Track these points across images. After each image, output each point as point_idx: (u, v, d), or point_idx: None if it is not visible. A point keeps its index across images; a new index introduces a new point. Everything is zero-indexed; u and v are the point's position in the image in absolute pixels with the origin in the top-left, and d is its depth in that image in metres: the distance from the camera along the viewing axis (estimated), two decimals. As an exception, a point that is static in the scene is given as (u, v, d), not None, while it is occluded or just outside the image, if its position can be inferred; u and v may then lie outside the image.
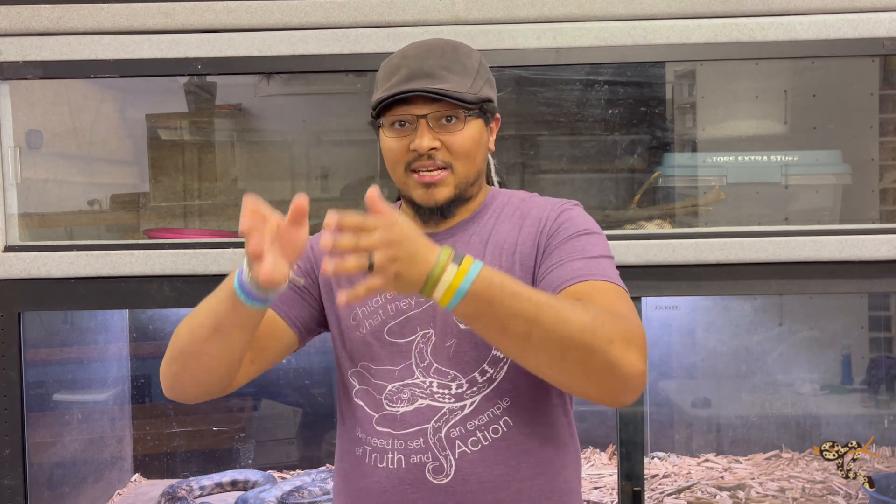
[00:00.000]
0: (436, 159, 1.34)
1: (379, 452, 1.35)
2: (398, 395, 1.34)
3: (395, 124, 1.34)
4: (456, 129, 1.34)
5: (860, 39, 1.95)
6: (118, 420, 2.69)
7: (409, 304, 1.37)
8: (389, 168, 1.39)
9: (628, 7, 1.96)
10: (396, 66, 1.35)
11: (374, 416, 1.35)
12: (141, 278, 2.01)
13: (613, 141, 2.36)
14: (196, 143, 2.41)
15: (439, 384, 1.33)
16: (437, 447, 1.32)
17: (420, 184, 1.35)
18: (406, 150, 1.34)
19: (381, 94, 1.34)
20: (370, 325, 1.38)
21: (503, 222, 1.41)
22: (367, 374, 1.37)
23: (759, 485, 2.46)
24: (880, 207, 2.32)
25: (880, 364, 2.76)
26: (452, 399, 1.33)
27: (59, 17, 1.98)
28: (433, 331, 1.35)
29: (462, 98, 1.32)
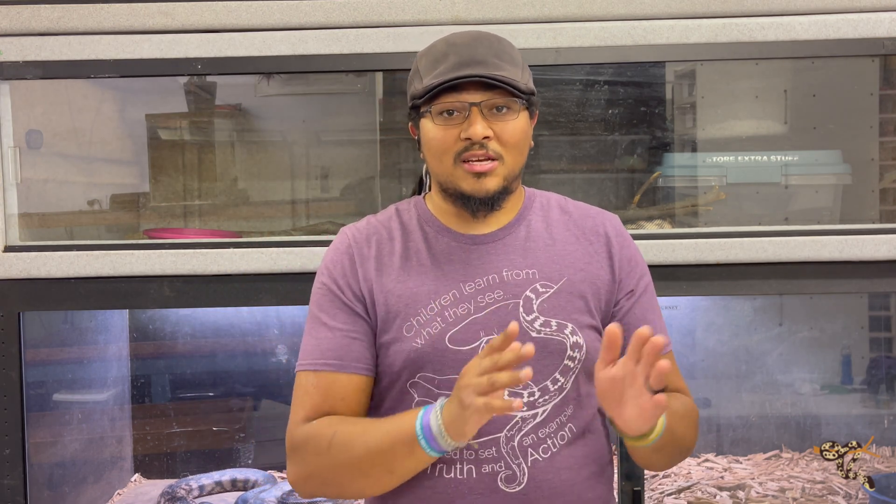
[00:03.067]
0: (488, 148, 1.29)
1: (446, 463, 1.31)
2: None
3: (444, 113, 1.30)
4: (508, 119, 1.30)
5: (860, 39, 1.95)
6: (118, 420, 2.69)
7: (468, 309, 1.33)
8: (434, 158, 1.34)
9: (628, 7, 1.96)
10: (443, 53, 1.31)
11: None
12: (141, 278, 2.01)
13: (613, 141, 2.36)
14: (196, 143, 2.41)
15: (511, 392, 1.31)
16: (510, 456, 1.31)
17: (471, 173, 1.30)
18: (456, 138, 1.30)
19: (432, 80, 1.29)
20: (429, 334, 1.32)
21: (556, 228, 1.40)
22: (428, 385, 1.33)
23: (759, 485, 2.46)
24: (880, 207, 2.32)
25: (880, 364, 2.76)
26: (525, 407, 1.31)
27: (59, 17, 1.98)
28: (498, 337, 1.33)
29: (516, 86, 1.29)
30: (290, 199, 2.46)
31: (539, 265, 1.36)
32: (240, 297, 2.02)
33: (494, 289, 1.34)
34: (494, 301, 1.33)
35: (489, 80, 1.27)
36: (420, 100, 1.32)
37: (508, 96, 1.30)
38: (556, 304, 1.34)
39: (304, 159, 2.51)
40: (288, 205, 2.45)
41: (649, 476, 2.54)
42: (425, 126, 1.34)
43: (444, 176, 1.34)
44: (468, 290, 1.34)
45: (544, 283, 1.35)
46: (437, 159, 1.33)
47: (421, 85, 1.32)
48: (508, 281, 1.34)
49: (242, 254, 1.99)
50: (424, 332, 1.32)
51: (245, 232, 2.30)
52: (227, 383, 2.81)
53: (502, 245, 1.37)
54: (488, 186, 1.31)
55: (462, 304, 1.33)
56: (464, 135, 1.29)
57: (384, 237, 1.40)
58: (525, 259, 1.36)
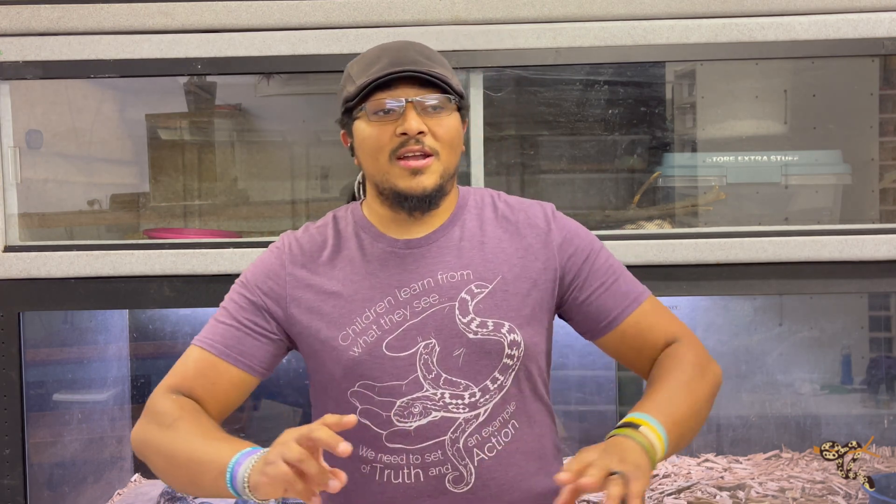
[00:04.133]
0: (423, 144, 1.29)
1: (393, 469, 1.33)
2: (409, 409, 1.32)
3: (379, 112, 1.30)
4: (442, 116, 1.31)
5: (860, 39, 1.95)
6: (118, 420, 2.69)
7: (403, 316, 1.33)
8: (370, 158, 1.33)
9: (628, 7, 1.96)
10: (375, 57, 1.33)
11: (383, 433, 1.33)
12: (141, 278, 2.01)
13: (613, 141, 2.36)
14: (196, 143, 2.41)
15: (451, 395, 1.32)
16: (455, 457, 1.32)
17: (407, 171, 1.30)
18: (391, 135, 1.30)
19: (365, 78, 1.30)
20: (365, 342, 1.32)
21: (489, 225, 1.39)
22: (369, 393, 1.33)
23: (759, 485, 2.46)
24: (880, 207, 2.32)
25: (880, 364, 2.76)
26: (467, 408, 1.32)
27: (59, 17, 1.98)
28: (436, 341, 1.32)
29: (449, 83, 1.31)
30: (290, 199, 2.46)
31: (473, 265, 1.35)
32: (240, 297, 2.01)
33: (430, 293, 1.34)
34: (430, 305, 1.33)
35: (422, 75, 1.29)
36: (353, 101, 1.33)
37: (441, 94, 1.31)
38: (491, 303, 1.34)
39: (304, 159, 2.51)
40: (288, 205, 2.45)
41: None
42: (359, 127, 1.34)
43: (379, 175, 1.33)
44: (403, 296, 1.34)
45: (479, 284, 1.34)
46: (373, 158, 1.33)
47: (353, 87, 1.32)
48: (443, 284, 1.34)
49: (242, 254, 1.99)
50: (360, 341, 1.33)
51: (245, 232, 2.30)
52: (227, 383, 2.80)
53: (437, 248, 1.36)
54: (425, 184, 1.31)
55: (398, 310, 1.33)
56: (399, 130, 1.29)
57: (318, 245, 1.40)
58: (459, 260, 1.36)
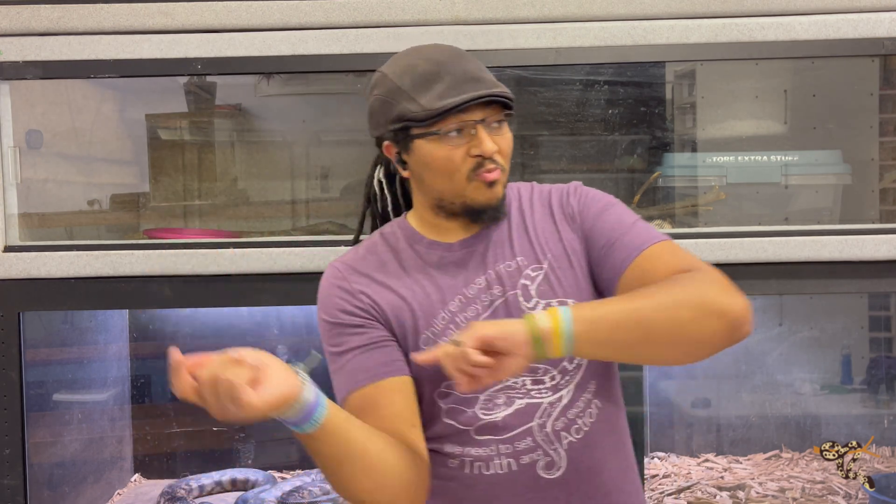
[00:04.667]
0: (496, 162, 1.34)
1: (483, 461, 1.33)
2: (493, 401, 1.33)
3: (453, 132, 1.32)
4: (503, 131, 1.36)
5: (860, 39, 1.95)
6: (118, 420, 2.69)
7: (476, 311, 1.35)
8: (440, 178, 1.34)
9: (628, 7, 1.96)
10: (433, 73, 1.32)
11: (470, 429, 1.33)
12: (141, 278, 2.01)
13: (613, 141, 2.36)
14: (196, 143, 2.41)
15: (533, 381, 1.33)
16: (545, 443, 1.33)
17: (485, 184, 1.33)
18: (464, 156, 1.32)
19: (438, 101, 1.30)
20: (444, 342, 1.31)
21: (528, 211, 1.43)
22: (454, 392, 1.33)
23: (759, 485, 2.46)
24: (880, 207, 2.32)
25: (880, 364, 2.76)
26: (549, 392, 1.33)
27: (59, 17, 1.98)
28: None
29: (511, 100, 1.34)
30: (289, 199, 2.46)
31: (524, 252, 1.38)
32: (240, 297, 2.02)
33: (493, 285, 1.36)
34: (496, 297, 1.36)
35: (500, 98, 1.31)
36: (422, 122, 1.32)
37: (502, 110, 1.34)
38: (549, 284, 1.36)
39: (304, 159, 2.51)
40: (288, 205, 2.44)
41: (649, 476, 2.54)
42: (424, 147, 1.33)
43: (451, 193, 1.35)
44: (471, 293, 1.36)
45: (534, 267, 1.37)
46: (447, 178, 1.34)
47: (417, 106, 1.31)
48: (503, 274, 1.37)
49: (242, 254, 1.99)
50: (441, 342, 1.33)
51: (245, 232, 2.30)
52: (227, 383, 2.80)
53: (489, 242, 1.39)
54: (498, 194, 1.35)
55: (469, 306, 1.35)
56: (475, 151, 1.32)
57: (375, 261, 1.41)
58: (511, 249, 1.39)
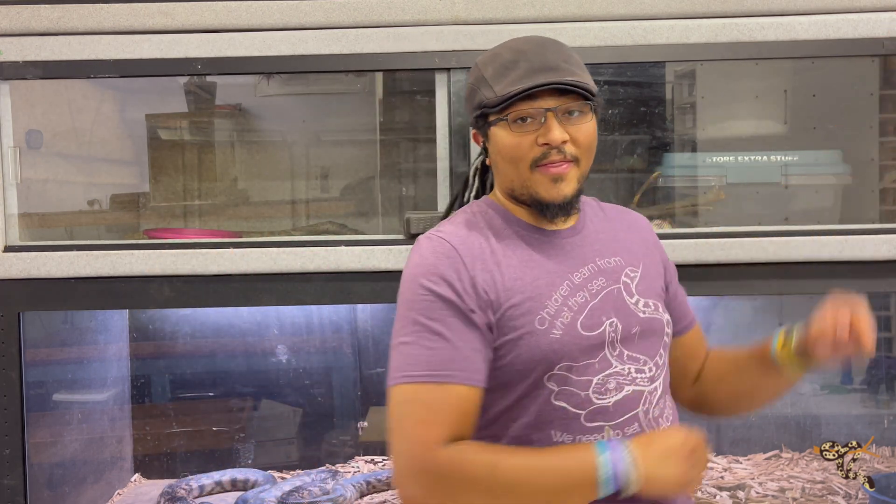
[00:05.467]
0: (565, 153, 1.32)
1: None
2: (605, 385, 1.33)
3: (519, 120, 1.31)
4: (581, 123, 1.33)
5: (860, 39, 1.95)
6: (118, 420, 2.69)
7: (585, 297, 1.35)
8: (510, 165, 1.34)
9: (628, 7, 1.96)
10: (511, 61, 1.33)
11: (582, 413, 1.32)
12: (141, 278, 2.01)
13: (613, 141, 2.36)
14: (196, 143, 2.41)
15: (636, 369, 1.36)
16: (649, 428, 1.36)
17: (548, 177, 1.32)
18: (532, 144, 1.31)
19: (507, 88, 1.30)
20: (563, 324, 1.32)
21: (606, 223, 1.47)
22: (567, 374, 1.32)
23: (759, 485, 2.46)
24: (880, 207, 2.32)
25: (880, 364, 2.76)
26: (648, 381, 1.37)
27: (59, 17, 1.98)
28: (617, 319, 1.36)
29: (589, 89, 1.32)
30: (290, 199, 2.46)
31: (621, 253, 1.42)
32: (240, 297, 2.02)
33: (597, 276, 1.38)
34: (602, 287, 1.38)
35: (567, 86, 1.29)
36: (494, 108, 1.33)
37: (581, 100, 1.32)
38: (646, 286, 1.42)
39: (304, 159, 2.51)
40: (288, 205, 2.45)
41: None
42: (497, 134, 1.35)
43: (518, 182, 1.35)
44: (578, 280, 1.37)
45: (632, 268, 1.42)
46: (514, 166, 1.34)
47: (492, 93, 1.33)
48: (605, 268, 1.39)
49: (242, 254, 1.99)
50: (558, 323, 1.32)
51: (245, 232, 2.30)
52: (227, 383, 2.81)
53: (583, 238, 1.41)
54: (565, 192, 1.34)
55: (578, 292, 1.36)
56: (542, 140, 1.31)
57: (479, 238, 1.37)
58: (606, 248, 1.42)
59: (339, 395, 2.77)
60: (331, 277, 1.99)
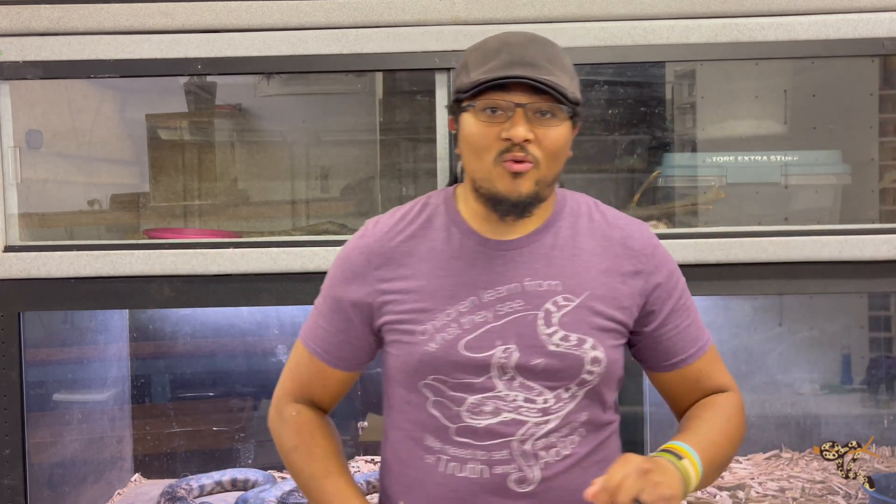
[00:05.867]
0: (527, 152, 1.27)
1: (458, 462, 1.34)
2: (480, 407, 1.32)
3: (488, 110, 1.28)
4: (551, 125, 1.29)
5: (860, 39, 1.95)
6: (118, 420, 2.69)
7: (486, 318, 1.33)
8: (473, 154, 1.31)
9: (628, 7, 1.96)
10: (495, 50, 1.29)
11: (452, 427, 1.34)
12: (141, 278, 2.01)
13: (613, 141, 2.37)
14: (196, 143, 2.41)
15: (525, 398, 1.32)
16: (521, 458, 1.32)
17: (509, 172, 1.28)
18: (497, 137, 1.28)
19: (481, 76, 1.27)
20: (444, 339, 1.33)
21: (583, 237, 1.38)
22: (441, 387, 1.34)
23: (759, 485, 2.46)
24: (880, 207, 2.32)
25: (880, 364, 2.76)
26: (539, 413, 1.32)
27: (59, 17, 1.98)
28: (516, 346, 1.32)
29: (565, 94, 1.28)
30: (290, 199, 2.46)
31: (563, 277, 1.34)
32: (240, 297, 2.02)
33: (515, 298, 1.33)
34: (514, 311, 1.33)
35: (538, 83, 1.26)
36: (465, 94, 1.30)
37: (554, 102, 1.28)
38: (576, 317, 1.33)
39: (304, 159, 2.51)
40: (288, 205, 2.45)
41: (649, 476, 2.53)
42: (466, 121, 1.31)
43: (480, 173, 1.32)
44: (487, 298, 1.33)
45: (566, 297, 1.33)
46: (476, 156, 1.31)
47: (468, 79, 1.30)
48: (530, 291, 1.33)
49: (242, 254, 1.99)
50: (439, 337, 1.33)
51: (245, 232, 2.30)
52: (227, 383, 2.81)
53: (528, 252, 1.35)
54: (521, 189, 1.29)
55: (480, 311, 1.33)
56: (505, 135, 1.27)
57: (405, 234, 1.39)
58: (549, 269, 1.35)
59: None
60: (331, 277, 1.99)
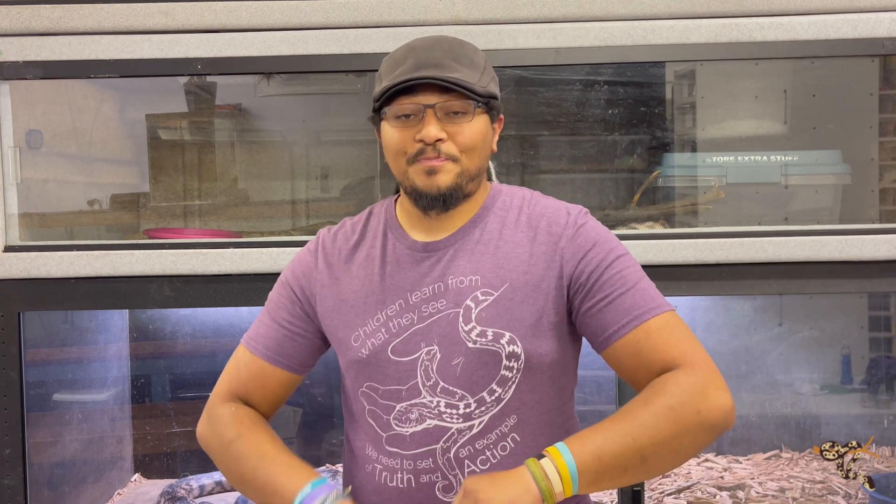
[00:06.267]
0: (440, 151, 1.29)
1: (389, 471, 1.34)
2: (406, 415, 1.32)
3: (401, 116, 1.31)
4: (463, 122, 1.30)
5: (860, 39, 1.95)
6: (118, 420, 2.69)
7: (411, 320, 1.33)
8: (391, 160, 1.35)
9: (628, 7, 1.96)
10: (402, 58, 1.32)
11: (384, 436, 1.34)
12: (141, 278, 2.01)
13: (613, 141, 2.36)
14: (196, 143, 2.41)
15: (447, 404, 1.31)
16: (445, 467, 1.31)
17: (423, 170, 1.30)
18: (411, 140, 1.30)
19: (387, 82, 1.30)
20: (373, 344, 1.34)
21: (509, 229, 1.37)
22: (374, 395, 1.34)
23: (759, 485, 2.46)
24: (880, 207, 2.32)
25: (880, 364, 2.76)
26: (461, 419, 1.30)
27: (59, 17, 1.98)
28: (438, 348, 1.31)
29: (471, 89, 1.28)
30: (290, 199, 2.46)
31: (483, 271, 1.33)
32: (240, 297, 2.02)
33: (439, 298, 1.33)
34: (437, 311, 1.33)
35: (441, 82, 1.27)
36: (377, 102, 1.33)
37: (463, 99, 1.29)
38: (495, 312, 1.31)
39: (304, 159, 2.51)
40: (288, 205, 2.45)
41: (649, 476, 2.53)
42: (384, 128, 1.35)
43: (400, 176, 1.35)
44: (414, 300, 1.34)
45: (485, 291, 1.32)
46: (394, 160, 1.35)
47: (380, 87, 1.33)
48: (453, 289, 1.33)
49: (242, 254, 1.99)
50: (369, 343, 1.34)
51: (245, 232, 2.30)
52: (227, 383, 2.80)
53: (454, 251, 1.36)
54: (439, 183, 1.31)
55: (406, 314, 1.34)
56: (417, 137, 1.30)
57: (349, 244, 1.42)
58: (471, 264, 1.34)
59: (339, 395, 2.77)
60: (331, 277, 1.99)
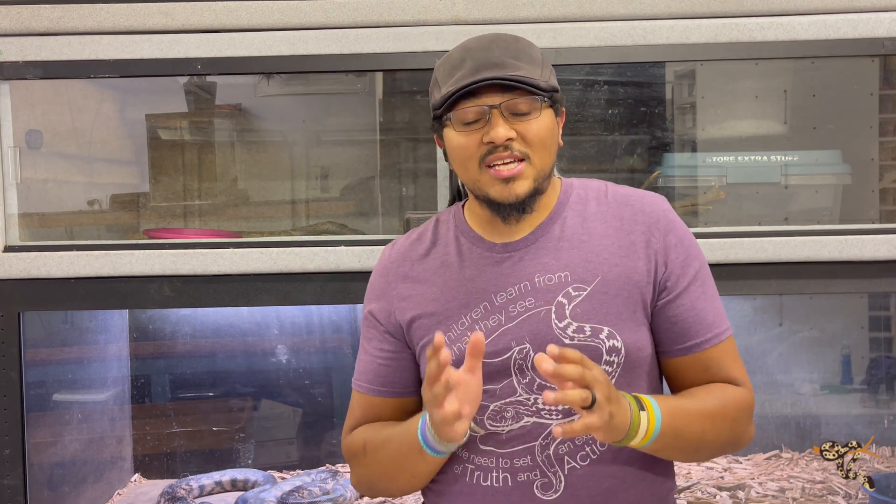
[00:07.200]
0: (512, 150, 1.27)
1: (482, 471, 1.32)
2: (501, 413, 1.31)
3: (469, 120, 1.28)
4: (531, 118, 1.28)
5: (860, 39, 1.95)
6: (118, 420, 2.69)
7: (499, 321, 1.32)
8: (460, 167, 1.32)
9: (628, 7, 1.96)
10: (459, 60, 1.29)
11: (477, 435, 1.32)
12: (141, 278, 2.01)
13: (613, 141, 2.36)
14: (196, 143, 2.41)
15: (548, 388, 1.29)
16: (545, 464, 1.30)
17: (498, 179, 1.28)
18: (479, 143, 1.27)
19: (448, 88, 1.27)
20: (459, 349, 1.32)
21: (592, 222, 1.35)
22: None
23: (759, 485, 2.46)
24: (880, 207, 2.32)
25: (880, 364, 2.76)
26: (560, 415, 1.29)
27: (59, 17, 1.98)
28: (530, 346, 1.30)
29: (535, 84, 1.26)
30: (290, 199, 2.46)
31: (572, 266, 1.32)
32: (240, 297, 2.02)
33: (526, 297, 1.32)
34: (526, 309, 1.31)
35: (505, 81, 1.25)
36: (440, 109, 1.30)
37: (527, 95, 1.27)
38: (589, 307, 1.30)
39: (304, 159, 2.51)
40: (288, 205, 2.45)
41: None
42: (448, 135, 1.32)
43: (471, 183, 1.32)
44: (499, 301, 1.33)
45: (577, 286, 1.31)
46: (463, 167, 1.31)
47: (440, 94, 1.30)
48: (540, 287, 1.32)
49: (242, 254, 1.99)
50: (455, 348, 1.33)
51: (245, 232, 2.31)
52: (227, 383, 2.81)
53: (535, 249, 1.34)
54: (517, 191, 1.29)
55: (493, 315, 1.32)
56: (486, 139, 1.27)
57: (419, 253, 1.41)
58: (558, 261, 1.33)
59: (339, 395, 2.77)
60: (331, 277, 1.99)
